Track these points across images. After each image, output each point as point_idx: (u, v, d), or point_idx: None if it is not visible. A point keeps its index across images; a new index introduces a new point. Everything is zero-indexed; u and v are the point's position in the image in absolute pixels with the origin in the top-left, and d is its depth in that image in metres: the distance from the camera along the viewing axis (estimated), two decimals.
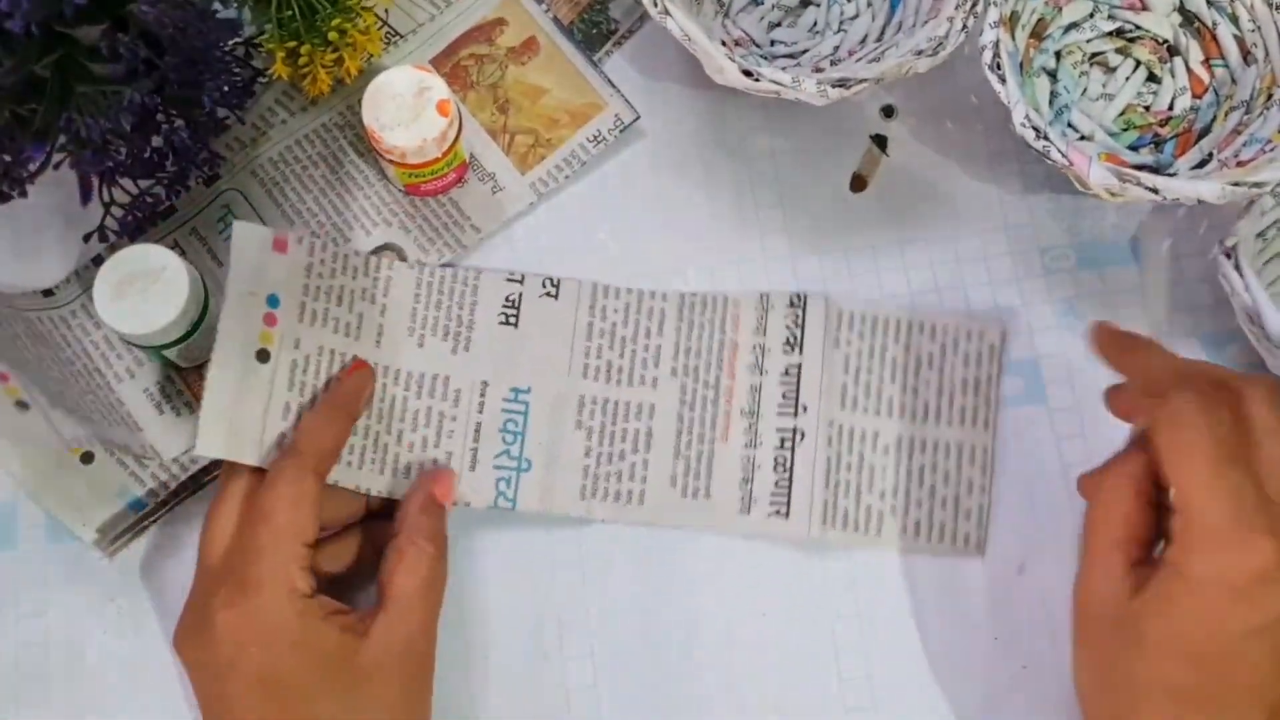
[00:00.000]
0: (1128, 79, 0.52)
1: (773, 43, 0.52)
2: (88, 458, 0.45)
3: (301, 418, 0.43)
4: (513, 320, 0.47)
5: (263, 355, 0.43)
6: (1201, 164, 0.48)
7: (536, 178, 0.50)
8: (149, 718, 0.45)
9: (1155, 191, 0.42)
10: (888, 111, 0.52)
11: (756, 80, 0.44)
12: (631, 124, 0.50)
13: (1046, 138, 0.43)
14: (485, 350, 0.47)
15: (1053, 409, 0.48)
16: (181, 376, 0.47)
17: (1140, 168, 0.47)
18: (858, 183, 0.51)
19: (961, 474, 0.47)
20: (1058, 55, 0.52)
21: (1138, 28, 0.52)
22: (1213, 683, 0.35)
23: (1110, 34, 0.52)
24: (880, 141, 0.52)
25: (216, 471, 0.45)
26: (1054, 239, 0.51)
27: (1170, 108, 0.51)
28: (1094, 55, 0.52)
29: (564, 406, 0.47)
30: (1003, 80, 0.44)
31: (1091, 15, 0.52)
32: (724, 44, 0.49)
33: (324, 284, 0.46)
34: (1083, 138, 0.51)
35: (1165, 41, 0.51)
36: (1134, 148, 0.51)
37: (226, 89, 0.45)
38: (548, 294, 0.48)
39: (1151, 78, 0.52)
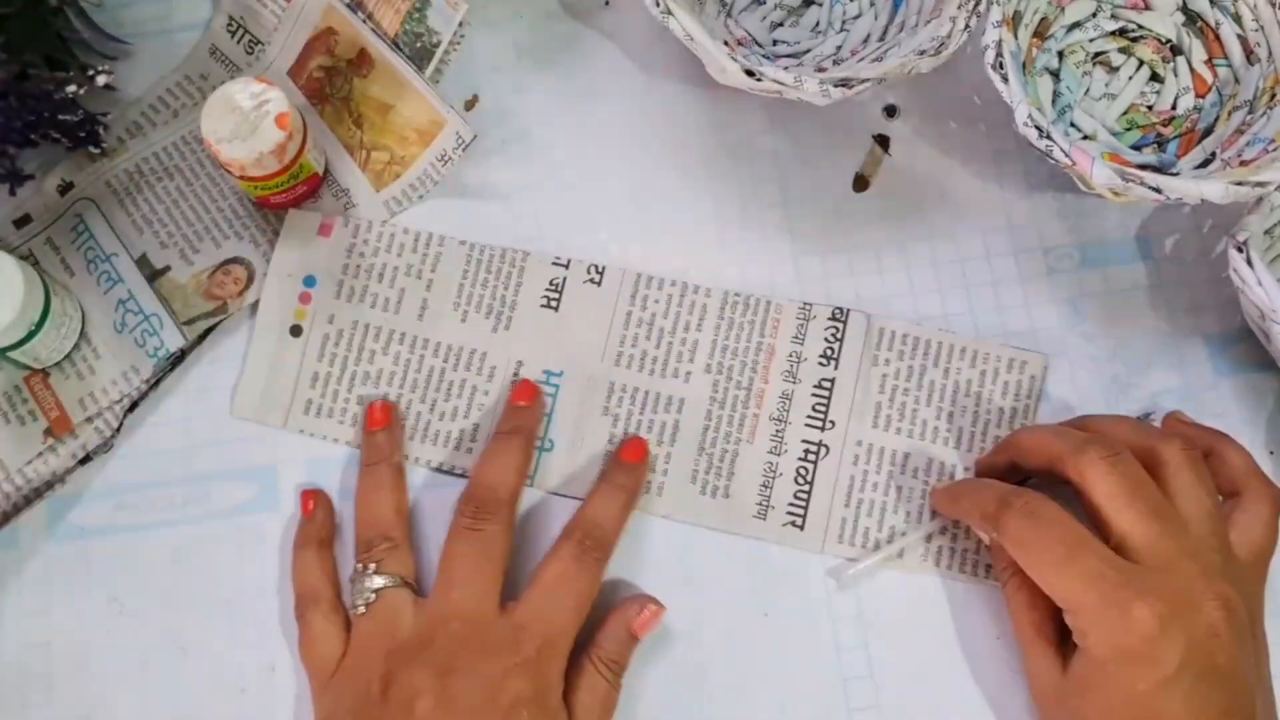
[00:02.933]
0: (1130, 78, 0.52)
1: (775, 42, 0.52)
2: None
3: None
4: (554, 304, 0.48)
5: (295, 330, 0.48)
6: (1204, 164, 0.48)
7: (390, 196, 0.49)
8: (153, 716, 0.45)
9: (1158, 191, 0.42)
10: (890, 111, 0.52)
11: (759, 80, 0.43)
12: (471, 142, 0.48)
13: (1049, 137, 0.43)
14: (524, 331, 0.48)
15: (1056, 408, 0.48)
16: (28, 384, 0.47)
17: (1143, 167, 0.46)
18: (860, 182, 0.51)
19: None
20: (1060, 55, 0.51)
21: (1140, 27, 0.51)
22: None
23: (1113, 33, 0.52)
24: (883, 141, 0.52)
25: (57, 487, 0.45)
26: (1057, 239, 0.50)
27: (1173, 107, 0.51)
28: (1097, 55, 0.52)
29: (594, 392, 0.47)
30: (1005, 80, 0.44)
31: (1094, 14, 0.52)
32: (726, 44, 0.49)
33: (365, 262, 0.49)
34: (1085, 137, 0.51)
35: (1168, 41, 0.51)
36: (1137, 147, 0.51)
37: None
38: (591, 280, 0.48)
39: (1154, 77, 0.52)
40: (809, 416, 0.47)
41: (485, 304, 0.48)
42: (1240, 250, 0.44)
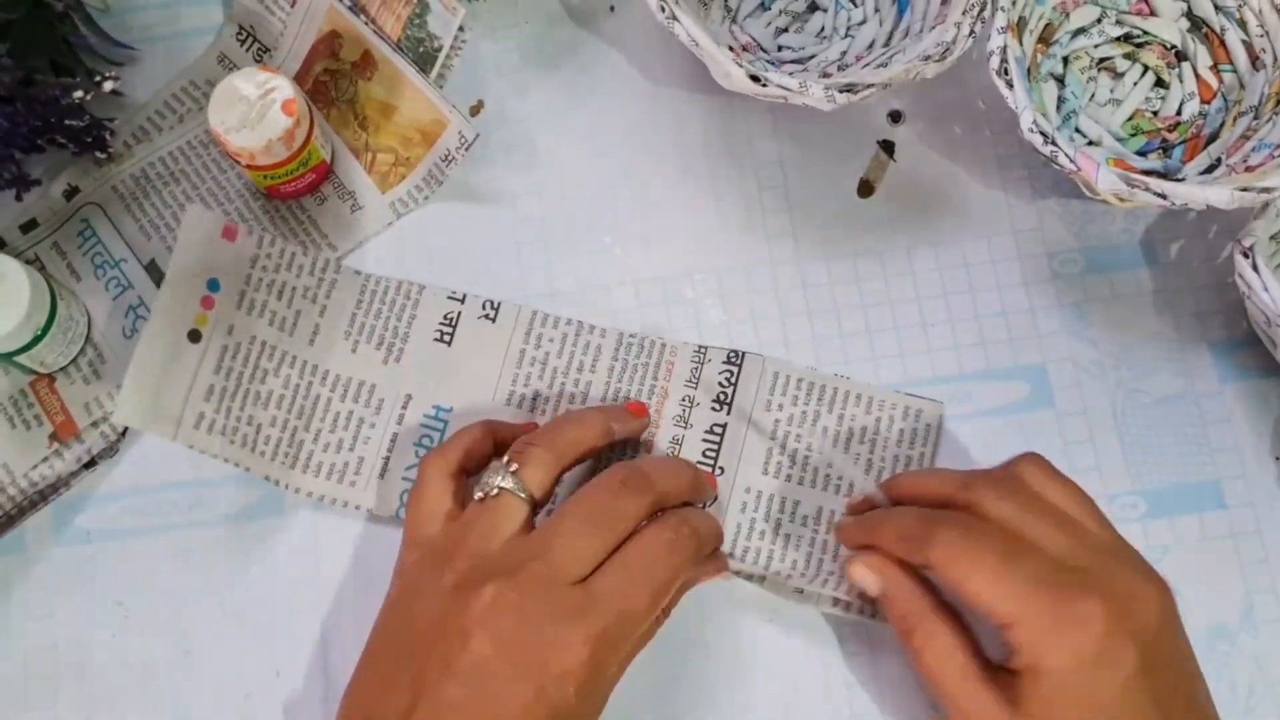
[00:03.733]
0: (1135, 84, 0.52)
1: (780, 48, 0.52)
2: None
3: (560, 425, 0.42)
4: (447, 338, 0.47)
5: (194, 336, 0.45)
6: (1210, 169, 0.48)
7: (396, 198, 0.50)
8: (156, 719, 0.45)
9: (1163, 197, 0.42)
10: (895, 117, 0.52)
11: (764, 85, 0.43)
12: (474, 141, 0.47)
13: (1054, 143, 0.43)
14: (415, 364, 0.47)
15: (1061, 414, 0.48)
16: (33, 389, 0.47)
17: (1148, 173, 0.46)
18: (865, 188, 0.51)
19: None
20: (1065, 60, 0.51)
21: (1145, 33, 0.51)
22: None
23: (1118, 39, 0.52)
24: (888, 147, 0.52)
25: (62, 491, 0.45)
26: (1062, 244, 0.50)
27: (1178, 113, 0.51)
28: (1102, 60, 0.52)
29: None
30: (1010, 85, 0.44)
31: (1099, 20, 0.52)
32: (731, 49, 0.49)
33: (267, 277, 0.47)
34: (1090, 143, 0.51)
35: (1173, 47, 0.51)
36: (1142, 153, 0.51)
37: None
38: (486, 316, 0.48)
39: (1159, 83, 0.52)
40: (698, 463, 0.46)
41: (377, 335, 0.47)
42: (1246, 255, 0.44)
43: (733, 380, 0.47)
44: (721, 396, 0.46)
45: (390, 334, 0.47)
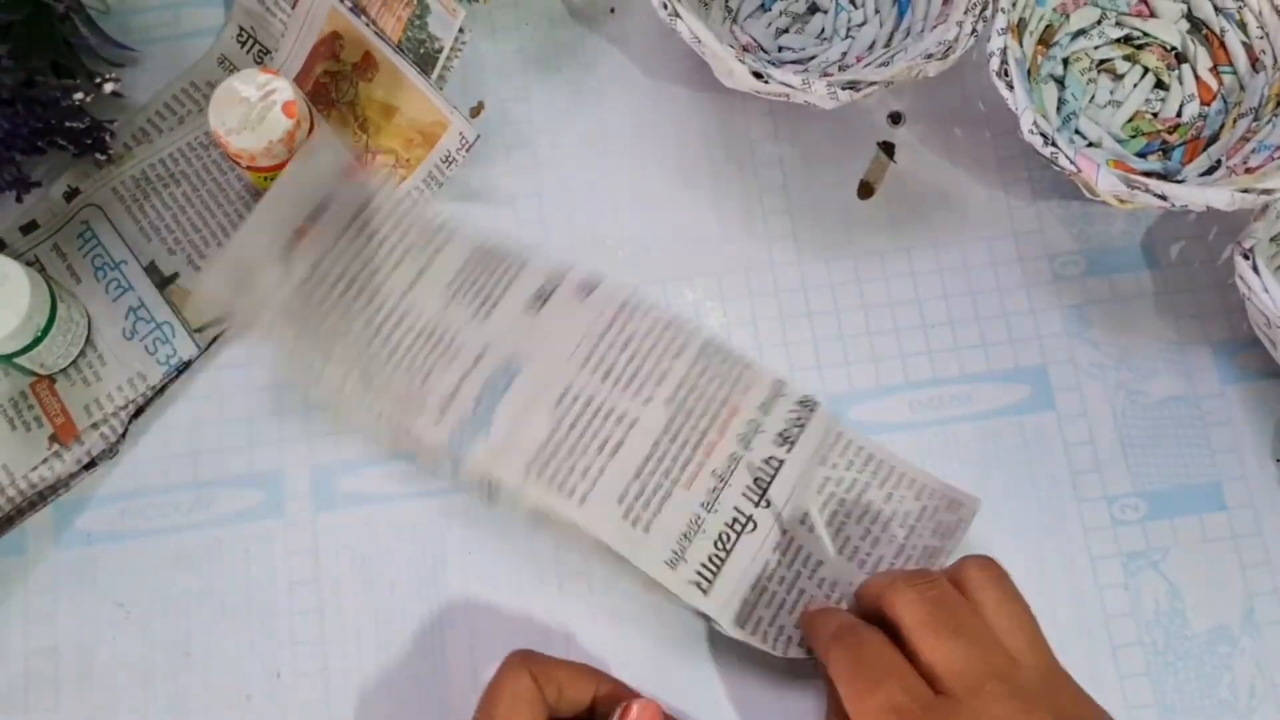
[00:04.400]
0: (1135, 86, 0.52)
1: (780, 49, 0.52)
2: None
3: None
4: (538, 307, 0.47)
5: (285, 253, 0.46)
6: (1210, 171, 0.48)
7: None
8: None
9: (1163, 198, 0.42)
10: (895, 118, 0.52)
11: (766, 83, 0.44)
12: (475, 142, 0.48)
13: (1054, 144, 0.43)
14: (499, 326, 0.47)
15: (1061, 416, 0.48)
16: (34, 390, 0.47)
17: (1148, 175, 0.47)
18: (865, 189, 0.51)
19: None
20: (1065, 62, 0.52)
21: (1145, 35, 0.52)
22: None
23: (1118, 41, 0.52)
24: (888, 148, 0.52)
25: (62, 492, 0.45)
26: (1062, 245, 0.50)
27: (1178, 114, 0.51)
28: (1102, 62, 0.52)
29: (550, 386, 0.45)
30: (1010, 87, 0.44)
31: (1099, 22, 0.52)
32: (731, 49, 0.49)
33: (378, 217, 0.47)
34: (1090, 144, 0.51)
35: (1173, 49, 0.51)
36: (1142, 154, 0.51)
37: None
38: (582, 292, 0.47)
39: (1159, 85, 0.52)
40: (748, 487, 0.45)
41: (474, 292, 0.47)
42: (1246, 257, 0.44)
43: (801, 423, 0.46)
44: (786, 434, 0.46)
45: (485, 295, 0.47)
